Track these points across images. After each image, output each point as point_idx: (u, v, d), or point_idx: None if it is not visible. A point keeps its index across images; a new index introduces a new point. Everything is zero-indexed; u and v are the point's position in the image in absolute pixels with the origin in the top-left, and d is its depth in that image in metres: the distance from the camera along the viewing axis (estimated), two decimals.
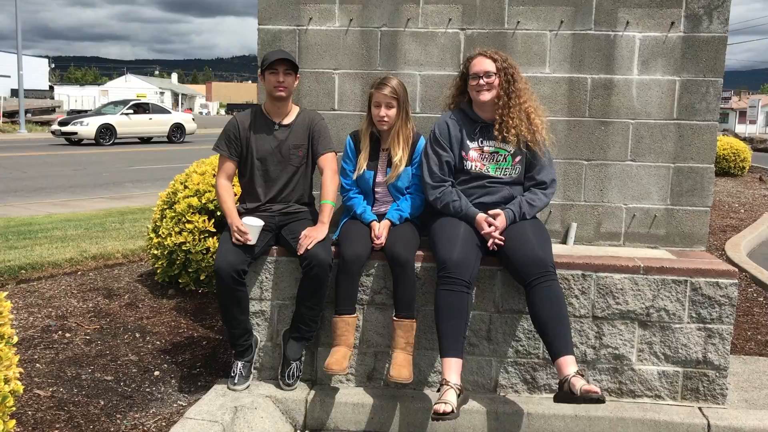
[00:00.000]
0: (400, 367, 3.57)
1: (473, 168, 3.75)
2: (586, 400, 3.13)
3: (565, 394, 3.24)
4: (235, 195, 4.04)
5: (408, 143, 3.86)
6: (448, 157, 3.76)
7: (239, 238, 3.64)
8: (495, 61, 3.68)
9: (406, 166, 3.85)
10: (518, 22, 4.13)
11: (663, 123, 4.14)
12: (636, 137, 4.16)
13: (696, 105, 4.11)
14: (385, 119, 3.79)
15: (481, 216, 3.62)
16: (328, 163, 3.84)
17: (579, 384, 3.17)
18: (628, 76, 4.12)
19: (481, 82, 3.67)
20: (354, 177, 3.92)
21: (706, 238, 4.24)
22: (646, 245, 4.25)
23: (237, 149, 3.88)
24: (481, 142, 3.76)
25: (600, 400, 3.11)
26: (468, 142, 3.77)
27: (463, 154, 3.77)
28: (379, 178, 3.92)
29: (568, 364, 3.29)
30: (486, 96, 3.69)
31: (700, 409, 3.69)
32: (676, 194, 4.19)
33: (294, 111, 3.91)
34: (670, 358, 3.73)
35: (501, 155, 3.74)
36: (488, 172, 3.75)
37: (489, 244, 3.57)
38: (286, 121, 3.88)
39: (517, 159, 3.75)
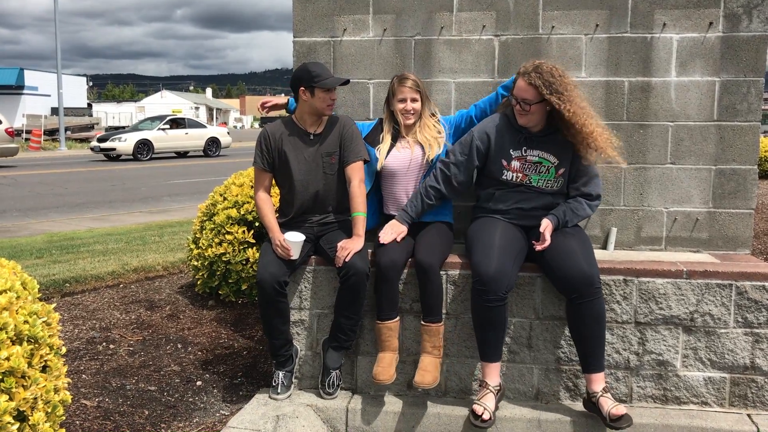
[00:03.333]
0: (425, 372, 3.57)
1: (513, 179, 3.67)
2: (613, 428, 3.34)
3: (593, 406, 3.47)
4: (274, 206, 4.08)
5: (436, 129, 3.92)
6: (456, 170, 3.74)
7: (282, 253, 3.68)
8: (536, 88, 3.44)
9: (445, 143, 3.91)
10: (552, 26, 4.11)
11: (703, 125, 4.08)
12: (675, 140, 4.10)
13: (737, 105, 4.04)
14: (411, 112, 3.82)
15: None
16: (356, 172, 3.83)
17: (607, 406, 3.37)
18: (666, 78, 4.07)
19: (518, 108, 3.58)
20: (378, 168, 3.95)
21: (751, 240, 4.15)
22: (688, 249, 4.18)
23: (270, 161, 3.92)
24: (525, 151, 3.66)
25: (628, 424, 3.31)
26: (511, 150, 3.67)
27: (504, 163, 3.67)
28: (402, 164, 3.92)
29: (598, 381, 3.48)
30: (522, 120, 3.61)
31: (749, 415, 3.61)
32: (718, 197, 4.11)
33: (324, 119, 3.95)
34: (716, 363, 3.66)
35: (544, 166, 3.64)
36: (530, 182, 3.66)
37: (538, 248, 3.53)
38: (319, 129, 3.91)
39: (561, 171, 3.66)
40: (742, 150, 4.07)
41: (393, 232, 3.72)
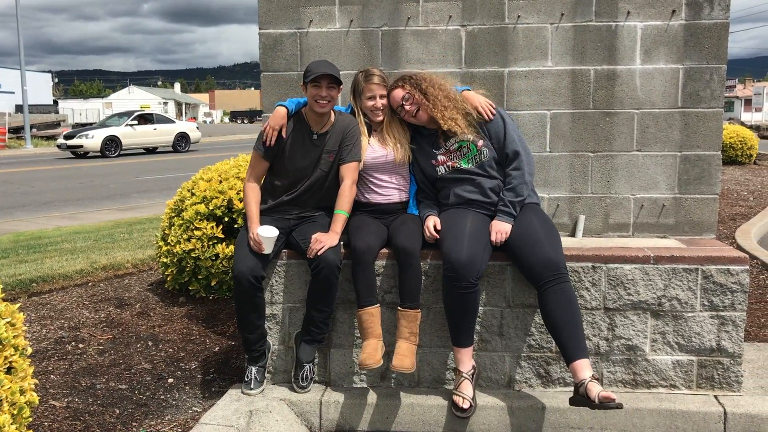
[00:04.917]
0: (403, 356, 3.56)
1: (447, 170, 3.81)
2: (604, 407, 3.13)
3: (581, 398, 3.24)
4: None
5: (403, 127, 3.91)
6: (429, 190, 3.95)
7: (253, 246, 3.66)
8: (403, 87, 3.76)
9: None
10: (519, 16, 4.12)
11: (668, 112, 4.13)
12: (641, 127, 4.15)
13: (700, 92, 4.09)
14: (381, 109, 3.83)
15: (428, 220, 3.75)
16: (350, 172, 3.82)
17: (596, 390, 3.17)
18: (631, 66, 4.11)
19: (407, 107, 3.75)
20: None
21: (716, 225, 4.22)
22: (655, 235, 4.23)
23: (272, 151, 3.88)
24: (446, 145, 3.80)
25: (618, 407, 3.12)
26: (434, 151, 3.83)
27: (433, 163, 3.84)
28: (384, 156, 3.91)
29: (583, 368, 3.30)
30: (423, 116, 3.76)
31: (715, 397, 3.68)
32: (683, 183, 4.17)
33: (330, 118, 3.88)
34: (683, 347, 3.72)
35: (465, 146, 3.76)
36: (461, 166, 3.77)
37: (494, 240, 3.59)
38: (324, 129, 3.86)
39: (480, 143, 3.74)
40: (706, 136, 4.13)
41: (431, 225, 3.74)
